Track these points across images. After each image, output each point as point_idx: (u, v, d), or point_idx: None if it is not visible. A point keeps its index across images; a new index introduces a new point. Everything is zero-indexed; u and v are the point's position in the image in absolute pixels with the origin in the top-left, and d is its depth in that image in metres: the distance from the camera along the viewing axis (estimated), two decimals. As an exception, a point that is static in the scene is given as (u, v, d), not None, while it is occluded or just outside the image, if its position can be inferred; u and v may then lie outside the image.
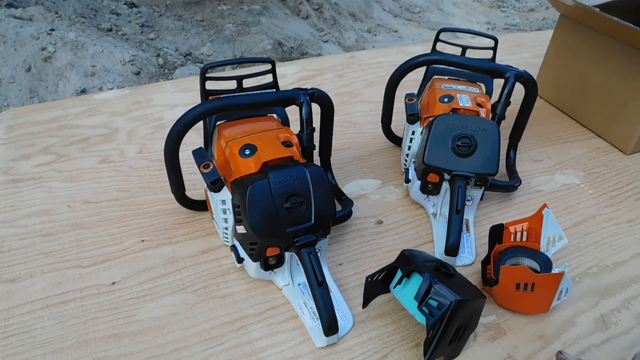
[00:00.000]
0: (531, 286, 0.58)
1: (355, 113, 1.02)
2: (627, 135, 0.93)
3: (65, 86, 2.38)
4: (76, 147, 0.87)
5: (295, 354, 0.56)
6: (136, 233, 0.70)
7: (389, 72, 0.81)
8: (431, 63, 0.79)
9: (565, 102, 1.06)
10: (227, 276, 0.65)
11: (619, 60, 0.91)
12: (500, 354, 0.57)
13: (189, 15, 3.36)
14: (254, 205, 0.55)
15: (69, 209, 0.74)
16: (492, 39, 0.84)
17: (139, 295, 0.62)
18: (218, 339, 0.57)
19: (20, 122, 0.93)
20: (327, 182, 0.59)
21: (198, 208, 0.73)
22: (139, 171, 0.83)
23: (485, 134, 0.68)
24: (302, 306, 0.60)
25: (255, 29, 3.24)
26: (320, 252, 0.63)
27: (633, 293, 0.66)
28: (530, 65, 0.98)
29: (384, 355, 0.56)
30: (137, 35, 3.02)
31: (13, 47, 2.38)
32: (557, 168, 0.89)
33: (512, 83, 0.73)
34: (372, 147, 0.91)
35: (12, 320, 0.58)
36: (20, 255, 0.66)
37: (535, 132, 0.97)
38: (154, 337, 0.57)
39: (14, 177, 0.80)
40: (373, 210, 0.77)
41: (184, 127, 0.61)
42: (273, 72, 0.70)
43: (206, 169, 0.59)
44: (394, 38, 3.77)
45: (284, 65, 1.20)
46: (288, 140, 0.63)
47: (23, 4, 2.80)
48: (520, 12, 4.56)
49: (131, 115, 0.97)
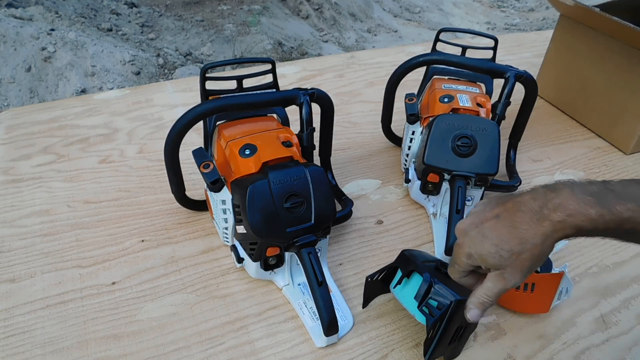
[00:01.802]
0: (531, 286, 0.58)
1: (355, 113, 1.02)
2: (627, 135, 0.93)
3: (65, 86, 2.38)
4: (76, 147, 0.87)
5: (295, 354, 0.56)
6: (136, 233, 0.70)
7: (389, 72, 0.81)
8: (431, 63, 0.79)
9: (565, 102, 1.06)
10: (227, 276, 0.65)
11: (619, 60, 0.91)
12: (500, 354, 0.57)
13: (189, 15, 3.36)
14: (254, 205, 0.55)
15: (69, 209, 0.74)
16: (492, 39, 0.84)
17: (139, 295, 0.62)
18: (218, 339, 0.57)
19: (20, 122, 0.93)
20: (327, 182, 0.59)
21: (198, 208, 0.73)
22: (139, 171, 0.83)
23: (485, 134, 0.68)
24: (302, 306, 0.60)
25: (255, 29, 3.24)
26: (320, 252, 0.63)
27: (633, 293, 0.66)
28: (530, 65, 0.98)
29: (384, 355, 0.56)
30: (137, 35, 3.02)
31: (13, 47, 2.38)
32: (557, 168, 0.89)
33: (512, 83, 0.73)
34: (372, 147, 0.91)
35: (12, 320, 0.58)
36: (20, 255, 0.66)
37: (535, 132, 0.97)
38: (154, 337, 0.57)
39: (14, 177, 0.80)
40: (373, 210, 0.77)
41: (184, 127, 0.61)
42: (273, 72, 0.70)
43: (206, 169, 0.59)
44: (394, 38, 3.77)
45: (284, 65, 1.20)
46: (288, 140, 0.63)
47: (23, 4, 2.80)
48: (520, 12, 4.56)
49: (131, 115, 0.97)
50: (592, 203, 0.40)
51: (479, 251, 0.45)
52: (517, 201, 0.44)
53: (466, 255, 0.47)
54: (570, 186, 0.42)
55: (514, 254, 0.43)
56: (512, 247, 0.43)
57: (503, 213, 0.45)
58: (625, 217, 0.39)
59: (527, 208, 0.43)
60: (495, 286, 0.45)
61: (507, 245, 0.43)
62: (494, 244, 0.44)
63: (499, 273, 0.45)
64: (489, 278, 0.46)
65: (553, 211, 0.41)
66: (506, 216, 0.44)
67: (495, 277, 0.45)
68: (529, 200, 0.43)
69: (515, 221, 0.43)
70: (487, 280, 0.46)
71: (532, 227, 0.42)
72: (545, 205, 0.42)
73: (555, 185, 0.43)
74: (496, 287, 0.45)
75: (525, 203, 0.43)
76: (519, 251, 0.43)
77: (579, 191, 0.41)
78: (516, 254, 0.43)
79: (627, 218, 0.39)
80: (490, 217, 0.45)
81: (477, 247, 0.45)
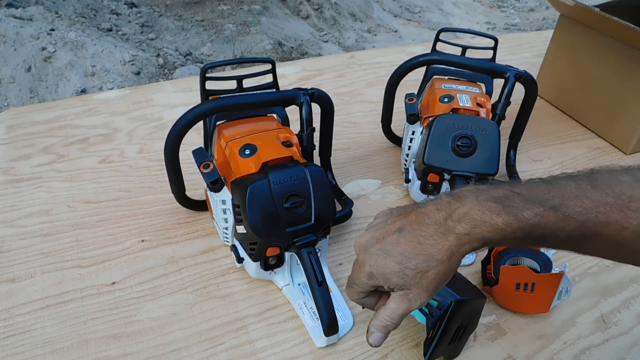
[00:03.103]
0: (531, 286, 0.58)
1: (355, 113, 1.02)
2: (627, 135, 0.93)
3: (65, 86, 2.38)
4: (76, 147, 0.87)
5: (295, 354, 0.56)
6: (136, 233, 0.70)
7: (389, 72, 0.81)
8: (431, 63, 0.79)
9: (565, 102, 1.06)
10: (227, 276, 0.65)
11: (619, 60, 0.91)
12: (500, 354, 0.57)
13: (189, 15, 3.36)
14: (254, 205, 0.55)
15: (69, 209, 0.74)
16: (492, 39, 0.84)
17: (139, 295, 0.62)
18: (218, 339, 0.57)
19: (20, 122, 0.93)
20: (327, 182, 0.59)
21: (198, 208, 0.73)
22: (139, 171, 0.83)
23: (485, 134, 0.68)
24: (302, 306, 0.60)
25: (255, 29, 3.24)
26: (320, 252, 0.63)
27: (633, 293, 0.66)
28: (530, 65, 0.98)
29: (384, 355, 0.56)
30: (137, 35, 3.02)
31: (13, 47, 2.38)
32: (557, 168, 0.89)
33: (512, 83, 0.73)
34: (372, 147, 0.91)
35: (12, 320, 0.58)
36: (20, 255, 0.66)
37: (535, 132, 0.97)
38: (154, 337, 0.57)
39: (14, 177, 0.80)
40: (373, 210, 0.77)
41: (184, 127, 0.61)
42: (273, 72, 0.70)
43: (206, 169, 0.59)
44: (394, 38, 3.77)
45: (284, 65, 1.20)
46: (288, 140, 0.63)
47: (23, 4, 2.80)
48: (520, 12, 4.56)
49: (131, 115, 0.97)
50: (497, 210, 0.37)
51: (381, 270, 0.41)
52: (420, 212, 0.41)
53: (367, 274, 0.42)
54: (474, 192, 0.39)
55: (419, 272, 0.39)
56: (417, 264, 0.39)
57: (406, 226, 0.41)
58: (532, 223, 0.36)
59: (432, 220, 0.39)
60: (399, 307, 0.41)
61: (411, 263, 0.39)
62: (397, 261, 0.40)
63: (403, 294, 0.40)
64: (393, 299, 0.42)
65: (458, 222, 0.38)
66: (409, 230, 0.40)
67: (399, 297, 0.41)
68: (432, 210, 0.40)
69: (419, 235, 0.39)
70: (391, 302, 0.42)
71: (437, 241, 0.39)
72: (450, 217, 0.38)
73: (460, 192, 0.40)
74: (400, 309, 0.41)
75: (429, 214, 0.40)
76: (424, 269, 0.39)
77: (483, 198, 0.38)
78: (421, 272, 0.39)
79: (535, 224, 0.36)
80: (392, 231, 0.41)
81: (379, 265, 0.41)
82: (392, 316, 0.42)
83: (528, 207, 0.36)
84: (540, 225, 0.36)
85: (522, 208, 0.36)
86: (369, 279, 0.43)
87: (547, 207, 0.36)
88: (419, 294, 0.40)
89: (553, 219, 0.36)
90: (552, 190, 0.37)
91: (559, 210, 0.36)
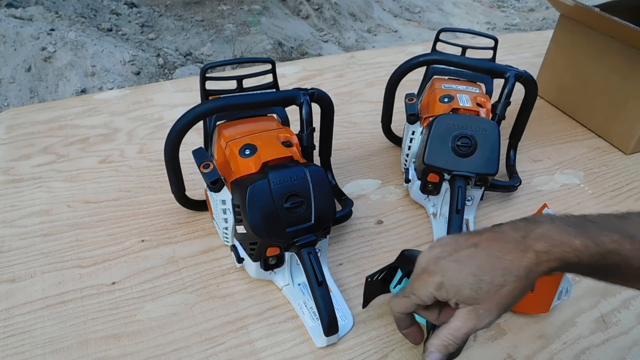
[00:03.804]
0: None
1: (355, 113, 1.02)
2: (627, 135, 0.93)
3: (65, 86, 2.38)
4: (76, 147, 0.87)
5: (295, 354, 0.56)
6: (136, 233, 0.70)
7: (389, 72, 0.81)
8: (431, 63, 0.79)
9: (565, 102, 1.06)
10: (227, 276, 0.65)
11: (619, 60, 0.91)
12: (500, 354, 0.57)
13: (189, 15, 3.36)
14: (254, 205, 0.55)
15: (69, 209, 0.74)
16: (492, 39, 0.84)
17: (139, 295, 0.62)
18: (218, 339, 0.57)
19: (20, 122, 0.93)
20: (327, 182, 0.59)
21: (198, 208, 0.73)
22: (139, 171, 0.83)
23: (485, 134, 0.68)
24: (302, 306, 0.60)
25: (255, 29, 3.24)
26: (320, 252, 0.63)
27: (633, 293, 0.65)
28: (530, 65, 0.98)
29: (384, 355, 0.56)
30: (137, 35, 3.02)
31: (13, 47, 2.38)
32: (557, 168, 0.89)
33: (512, 83, 0.73)
34: (372, 147, 0.91)
35: (12, 320, 0.58)
36: (20, 255, 0.66)
37: (535, 132, 0.97)
38: (154, 337, 0.57)
39: (14, 177, 0.80)
40: (373, 210, 0.77)
41: (184, 127, 0.61)
42: (273, 72, 0.70)
43: (206, 169, 0.59)
44: (394, 38, 3.77)
45: (284, 65, 1.20)
46: (288, 140, 0.63)
47: (23, 4, 2.80)
48: (520, 12, 4.56)
49: (131, 115, 0.97)
50: (575, 233, 0.37)
51: (454, 281, 0.39)
52: (495, 231, 0.40)
53: (436, 285, 0.40)
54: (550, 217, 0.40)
55: (495, 285, 0.38)
56: (493, 278, 0.38)
57: (482, 242, 0.40)
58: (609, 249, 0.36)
59: (509, 237, 0.39)
60: (465, 325, 0.39)
61: (487, 277, 0.38)
62: (472, 273, 0.38)
63: (472, 309, 0.39)
64: (458, 316, 0.39)
65: (537, 241, 0.38)
66: (486, 245, 0.39)
67: (467, 314, 0.39)
68: (509, 230, 0.40)
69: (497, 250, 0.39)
70: (455, 319, 0.40)
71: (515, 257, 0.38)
72: (528, 235, 0.38)
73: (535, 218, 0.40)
74: (465, 327, 0.39)
75: (505, 233, 0.39)
76: (501, 283, 0.38)
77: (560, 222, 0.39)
78: (498, 287, 0.38)
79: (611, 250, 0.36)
80: (466, 246, 0.40)
81: (452, 276, 0.39)
82: (456, 335, 0.40)
83: (604, 234, 0.37)
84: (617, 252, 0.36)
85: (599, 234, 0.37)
86: (436, 290, 0.40)
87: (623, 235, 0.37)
88: (489, 310, 0.38)
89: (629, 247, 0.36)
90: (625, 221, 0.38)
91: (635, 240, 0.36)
